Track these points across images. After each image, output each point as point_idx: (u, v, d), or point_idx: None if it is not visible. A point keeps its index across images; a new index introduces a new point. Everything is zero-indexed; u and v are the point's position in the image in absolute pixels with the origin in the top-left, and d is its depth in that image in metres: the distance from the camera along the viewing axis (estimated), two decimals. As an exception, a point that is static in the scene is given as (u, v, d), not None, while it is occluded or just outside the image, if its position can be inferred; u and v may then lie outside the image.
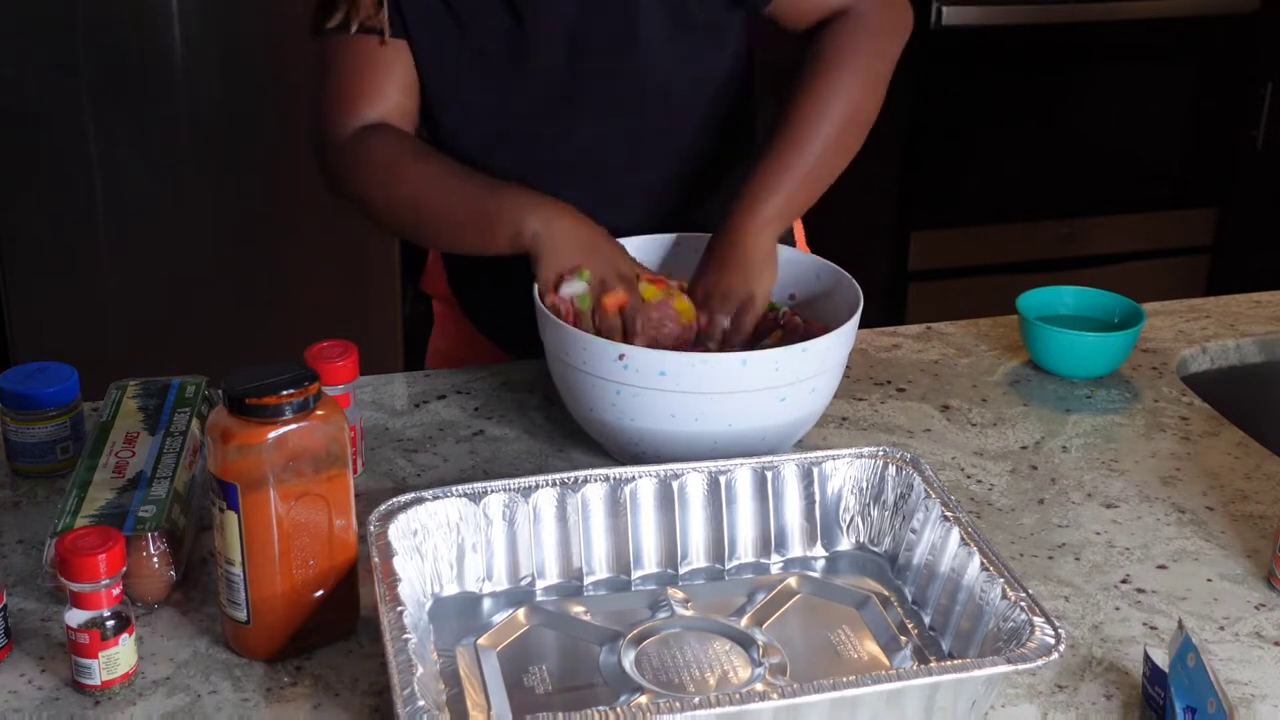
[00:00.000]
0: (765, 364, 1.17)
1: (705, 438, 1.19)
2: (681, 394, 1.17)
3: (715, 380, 1.17)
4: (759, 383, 1.18)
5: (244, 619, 1.01)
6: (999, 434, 1.36)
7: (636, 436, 1.21)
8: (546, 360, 1.28)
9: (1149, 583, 1.14)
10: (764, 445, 1.21)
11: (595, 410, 1.22)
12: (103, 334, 2.66)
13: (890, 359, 1.51)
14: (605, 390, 1.19)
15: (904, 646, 1.05)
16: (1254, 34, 3.16)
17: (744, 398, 1.18)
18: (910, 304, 3.16)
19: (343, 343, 1.23)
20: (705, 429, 1.19)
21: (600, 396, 1.20)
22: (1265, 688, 1.02)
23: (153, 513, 1.09)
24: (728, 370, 1.17)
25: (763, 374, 1.17)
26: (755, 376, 1.17)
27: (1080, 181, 3.22)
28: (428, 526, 1.07)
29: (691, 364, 1.16)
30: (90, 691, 0.98)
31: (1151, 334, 1.56)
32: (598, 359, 1.18)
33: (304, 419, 0.98)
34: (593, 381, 1.19)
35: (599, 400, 1.20)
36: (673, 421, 1.18)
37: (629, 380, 1.17)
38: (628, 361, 1.16)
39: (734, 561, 1.14)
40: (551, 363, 1.26)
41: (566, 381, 1.24)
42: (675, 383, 1.16)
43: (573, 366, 1.20)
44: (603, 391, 1.19)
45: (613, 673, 1.01)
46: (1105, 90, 3.13)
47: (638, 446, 1.22)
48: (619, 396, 1.18)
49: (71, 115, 2.54)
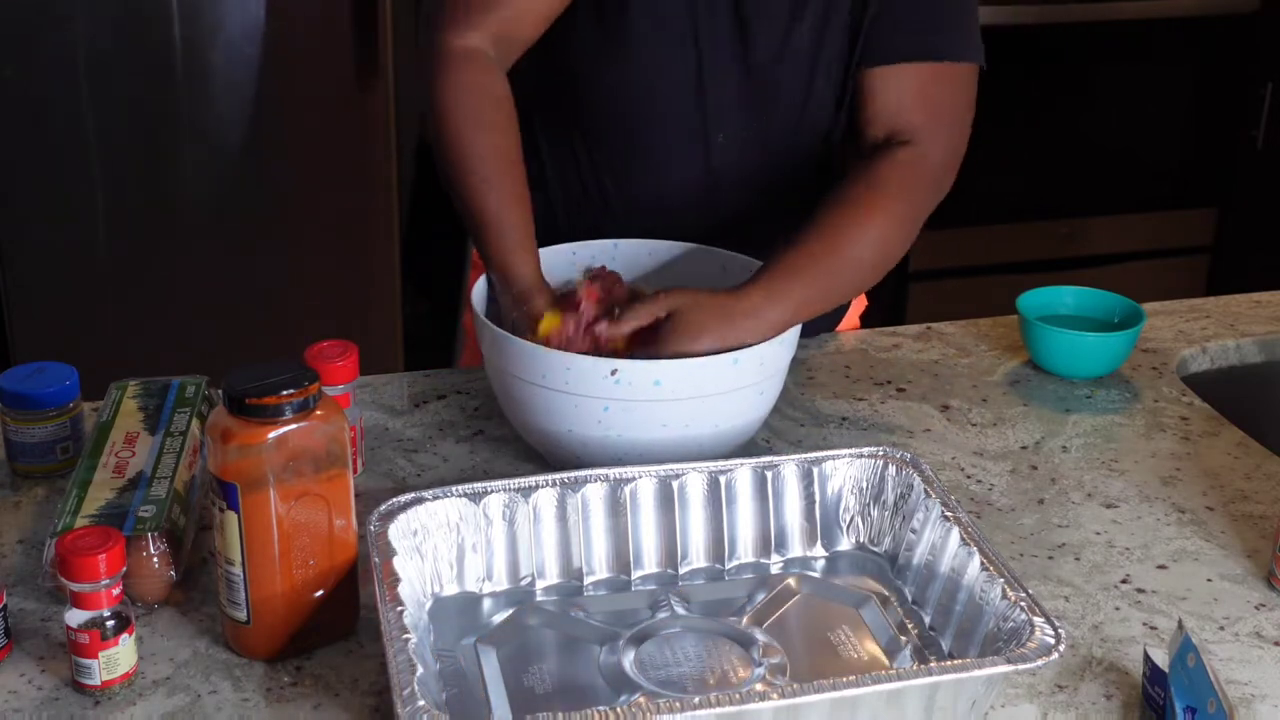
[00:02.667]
0: (752, 360, 1.19)
1: (691, 443, 1.19)
2: (675, 402, 1.16)
3: (707, 383, 1.17)
4: (746, 379, 1.19)
5: (244, 619, 1.01)
6: (999, 434, 1.36)
7: (623, 451, 1.19)
8: (496, 389, 1.25)
9: (1149, 583, 1.14)
10: (737, 442, 1.23)
11: (577, 428, 1.18)
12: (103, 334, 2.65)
13: (890, 359, 1.51)
14: (591, 408, 1.16)
15: (904, 646, 1.05)
16: (1254, 34, 3.16)
17: (733, 397, 1.19)
18: (910, 304, 3.17)
19: (343, 343, 1.23)
20: (692, 434, 1.19)
21: (586, 414, 1.17)
22: (1265, 688, 1.02)
23: (153, 513, 1.09)
24: (718, 371, 1.17)
25: (750, 370, 1.19)
26: (743, 373, 1.19)
27: (1080, 181, 3.22)
28: (428, 526, 1.07)
29: (688, 370, 1.16)
30: (90, 691, 0.98)
31: (1151, 334, 1.56)
32: (585, 377, 1.16)
33: (304, 419, 0.98)
34: (576, 401, 1.17)
35: (584, 418, 1.17)
36: (663, 430, 1.18)
37: (619, 395, 1.16)
38: (620, 375, 1.15)
39: (734, 561, 1.14)
40: (511, 386, 1.21)
41: (534, 403, 1.20)
42: (671, 391, 1.16)
43: (545, 388, 1.17)
44: (589, 409, 1.17)
45: (613, 673, 1.01)
46: (1105, 90, 3.13)
47: (623, 460, 1.19)
48: (606, 413, 1.17)
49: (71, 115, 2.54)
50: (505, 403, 1.25)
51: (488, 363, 1.25)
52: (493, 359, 1.23)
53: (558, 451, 1.23)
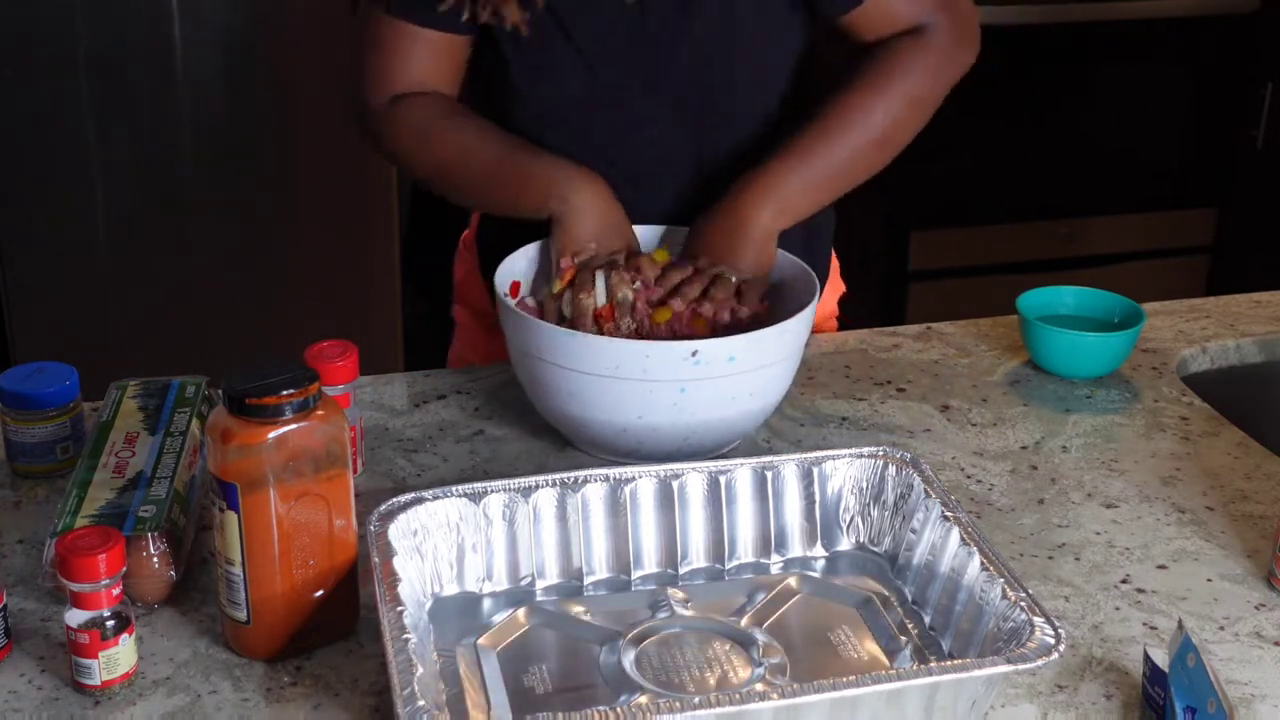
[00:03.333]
0: (800, 330, 1.24)
1: (757, 415, 1.26)
2: (745, 374, 1.20)
3: (771, 352, 1.22)
4: (791, 349, 1.25)
5: (244, 619, 1.01)
6: (999, 434, 1.36)
7: (693, 429, 1.22)
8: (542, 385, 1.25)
9: (1149, 583, 1.14)
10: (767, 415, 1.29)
11: (649, 414, 1.20)
12: (103, 334, 2.66)
13: (890, 359, 1.51)
14: (667, 392, 1.19)
15: (904, 646, 1.05)
16: (1254, 34, 3.16)
17: (782, 367, 1.24)
18: (910, 304, 3.17)
19: (343, 343, 1.23)
20: (757, 404, 1.24)
21: (661, 398, 1.19)
22: (1265, 688, 1.02)
23: (153, 513, 1.09)
24: (780, 340, 1.22)
25: (798, 339, 1.25)
26: (790, 342, 1.24)
27: (1080, 181, 3.22)
28: (428, 526, 1.07)
29: (759, 341, 1.20)
30: (90, 691, 0.98)
31: (1151, 334, 1.56)
32: (664, 363, 1.18)
33: (304, 419, 0.98)
34: (651, 387, 1.18)
35: (659, 403, 1.19)
36: (733, 404, 1.22)
37: (697, 375, 1.18)
38: (700, 355, 1.18)
39: (734, 561, 1.14)
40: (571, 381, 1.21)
41: (599, 396, 1.20)
42: (744, 364, 1.20)
43: (617, 379, 1.18)
44: (664, 394, 1.19)
45: (613, 673, 1.01)
46: (1105, 90, 3.13)
47: (689, 441, 1.23)
48: (683, 395, 1.19)
49: (71, 115, 2.54)
50: (558, 398, 1.23)
51: (529, 360, 1.24)
52: (547, 355, 1.21)
53: (619, 442, 1.24)
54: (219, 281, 2.70)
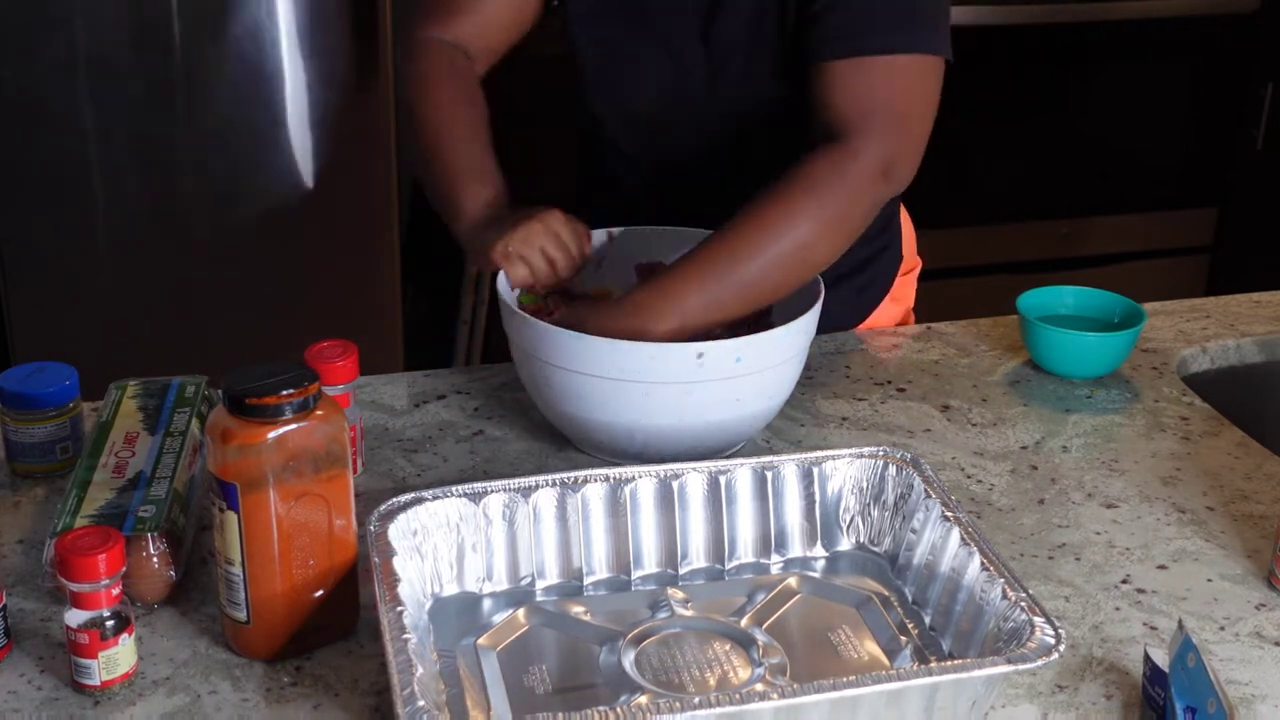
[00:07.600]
0: (806, 331, 1.26)
1: (763, 415, 1.27)
2: (750, 376, 1.21)
3: (775, 353, 1.23)
4: (797, 349, 1.26)
5: (244, 619, 1.01)
6: (999, 434, 1.36)
7: (694, 432, 1.22)
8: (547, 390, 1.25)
9: (1149, 583, 1.14)
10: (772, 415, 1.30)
11: (655, 417, 1.21)
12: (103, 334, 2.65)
13: (890, 359, 1.51)
14: (672, 394, 1.19)
15: (904, 646, 1.05)
16: (1254, 34, 3.16)
17: (788, 367, 1.26)
18: (910, 304, 3.16)
19: (343, 343, 1.23)
20: (763, 406, 1.26)
21: (666, 401, 1.20)
22: (1265, 688, 1.02)
23: (153, 513, 1.09)
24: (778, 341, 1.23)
25: (804, 340, 1.27)
26: (793, 343, 1.25)
27: (1080, 181, 3.22)
28: (428, 526, 1.07)
29: (765, 342, 1.21)
30: (90, 691, 0.98)
31: (1151, 334, 1.56)
32: (669, 364, 1.18)
33: (304, 419, 0.98)
34: (654, 389, 1.19)
35: (663, 405, 1.20)
36: (737, 406, 1.22)
37: (701, 377, 1.19)
38: (705, 357, 1.18)
39: (734, 561, 1.14)
40: (577, 384, 1.21)
41: (604, 399, 1.20)
42: (748, 366, 1.20)
43: (623, 381, 1.19)
44: (669, 395, 1.19)
45: (613, 673, 1.01)
46: (1105, 90, 3.13)
47: (695, 443, 1.23)
48: (688, 398, 1.20)
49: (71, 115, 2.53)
50: (563, 401, 1.24)
51: (532, 362, 1.24)
52: (553, 359, 1.21)
53: (625, 445, 1.24)
54: (219, 281, 2.70)
